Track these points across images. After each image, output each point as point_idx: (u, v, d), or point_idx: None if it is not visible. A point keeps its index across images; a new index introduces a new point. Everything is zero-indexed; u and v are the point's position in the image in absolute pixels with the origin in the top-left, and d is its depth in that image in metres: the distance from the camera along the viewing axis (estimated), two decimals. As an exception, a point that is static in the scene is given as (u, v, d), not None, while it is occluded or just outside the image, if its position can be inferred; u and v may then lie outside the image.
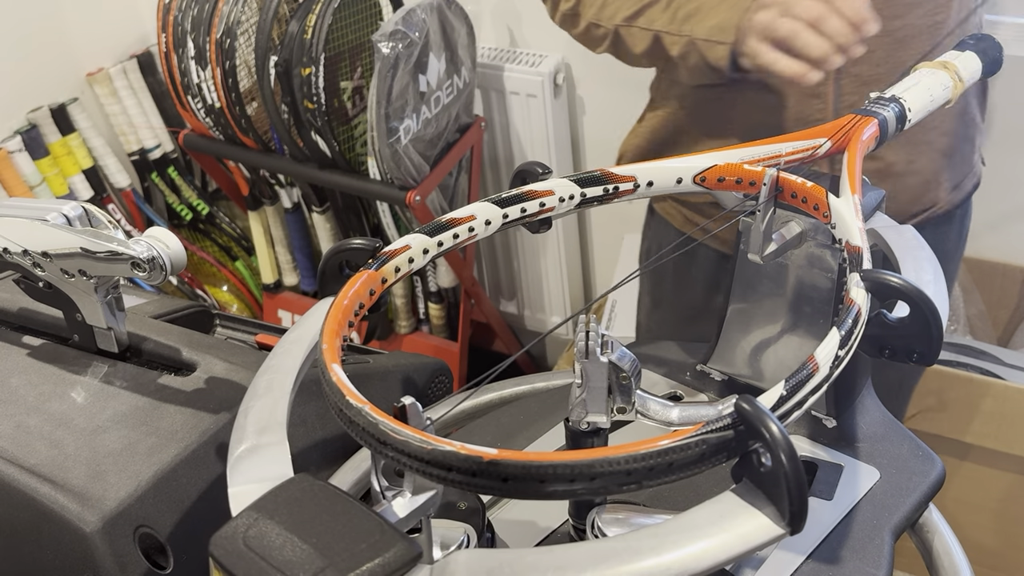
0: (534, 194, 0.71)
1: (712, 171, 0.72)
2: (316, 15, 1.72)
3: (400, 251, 0.67)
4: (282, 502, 0.47)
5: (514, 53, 1.97)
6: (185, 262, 0.72)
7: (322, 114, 1.76)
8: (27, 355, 0.83)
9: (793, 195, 0.69)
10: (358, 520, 0.45)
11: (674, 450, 0.45)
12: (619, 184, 0.72)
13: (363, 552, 0.43)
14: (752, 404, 0.45)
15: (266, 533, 0.45)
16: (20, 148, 1.90)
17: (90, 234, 0.73)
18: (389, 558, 0.43)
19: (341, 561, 0.43)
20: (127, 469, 0.70)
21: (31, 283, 0.80)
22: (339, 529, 0.45)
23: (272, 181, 2.08)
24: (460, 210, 0.69)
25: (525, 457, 0.45)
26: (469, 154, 1.97)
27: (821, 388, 0.52)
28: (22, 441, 0.73)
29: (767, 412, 0.45)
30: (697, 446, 0.46)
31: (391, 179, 1.78)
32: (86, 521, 0.66)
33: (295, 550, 0.44)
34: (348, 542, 0.44)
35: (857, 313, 0.55)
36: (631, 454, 0.45)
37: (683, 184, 0.73)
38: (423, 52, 1.71)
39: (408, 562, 0.43)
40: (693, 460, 0.46)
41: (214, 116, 1.90)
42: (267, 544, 0.44)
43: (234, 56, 1.81)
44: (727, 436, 0.46)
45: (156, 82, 2.11)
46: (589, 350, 0.57)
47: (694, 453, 0.46)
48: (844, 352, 0.53)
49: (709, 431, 0.46)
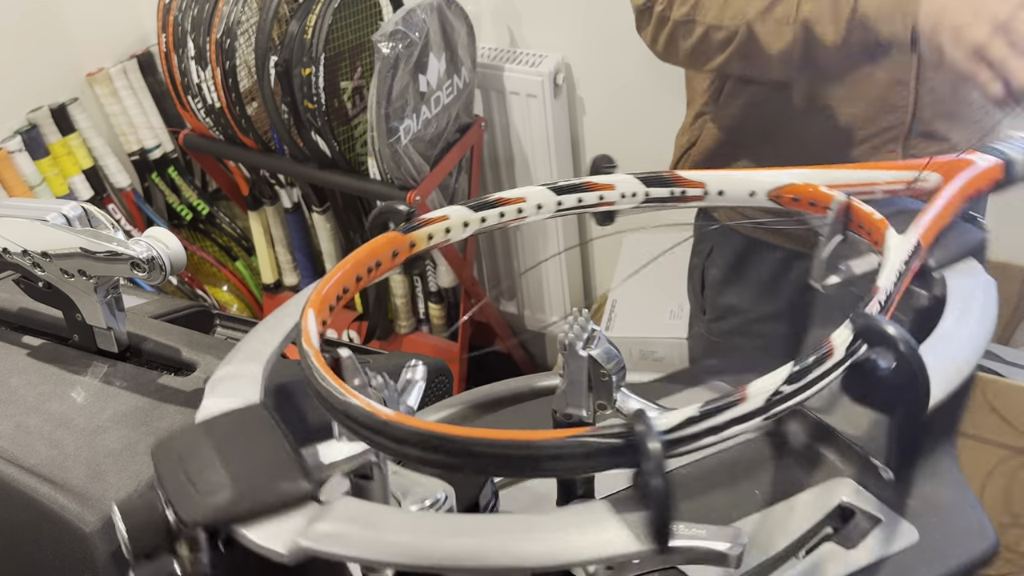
0: (594, 186, 0.69)
1: (788, 188, 0.69)
2: (316, 15, 1.72)
3: (437, 220, 0.66)
4: (226, 426, 0.53)
5: (514, 53, 1.97)
6: (185, 262, 0.73)
7: (322, 114, 1.76)
8: (27, 355, 0.83)
9: (860, 225, 0.65)
10: (279, 455, 0.50)
11: (555, 446, 0.45)
12: (687, 189, 0.69)
13: (263, 483, 0.48)
14: (642, 419, 0.45)
15: (198, 449, 0.51)
16: (20, 148, 1.90)
17: (90, 234, 0.73)
18: (280, 491, 0.48)
19: (242, 485, 0.48)
20: (127, 469, 0.70)
21: (31, 283, 0.80)
22: (259, 459, 0.50)
23: (272, 181, 2.08)
24: (510, 191, 0.68)
25: (417, 424, 0.47)
26: (469, 154, 1.97)
27: (750, 419, 0.49)
28: (22, 441, 0.72)
29: (651, 428, 0.45)
30: (580, 447, 0.45)
31: (391, 179, 1.78)
32: (86, 521, 0.66)
33: (212, 469, 0.49)
34: (259, 472, 0.49)
35: (826, 353, 0.51)
36: (509, 441, 0.45)
37: (756, 198, 0.70)
38: (423, 52, 1.71)
39: (297, 499, 0.48)
40: (574, 458, 0.46)
41: (214, 116, 1.90)
42: (195, 458, 0.50)
43: (234, 56, 1.81)
44: (615, 444, 0.45)
45: (156, 82, 2.11)
46: (569, 343, 0.57)
47: (574, 452, 0.46)
48: (792, 389, 0.50)
49: (596, 435, 0.45)
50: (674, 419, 0.47)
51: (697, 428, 0.47)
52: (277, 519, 0.47)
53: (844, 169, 0.69)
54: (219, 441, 0.52)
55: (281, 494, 0.48)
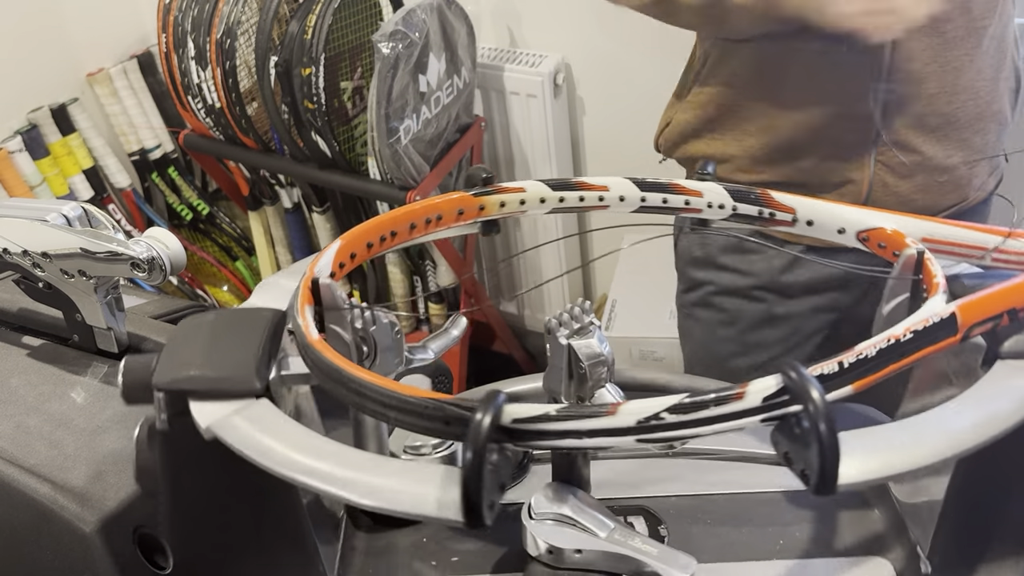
0: (681, 189, 0.68)
1: (877, 232, 0.64)
2: (316, 15, 1.72)
3: (514, 190, 0.66)
4: (231, 319, 0.60)
5: (514, 53, 1.97)
6: (185, 262, 0.73)
7: (322, 114, 1.76)
8: (27, 355, 0.83)
9: (924, 286, 0.59)
10: (248, 352, 0.56)
11: (410, 404, 0.48)
12: (777, 211, 0.67)
13: (223, 371, 0.55)
14: (490, 402, 0.46)
15: (200, 330, 0.59)
16: (20, 148, 1.90)
17: (90, 234, 0.73)
18: (231, 381, 0.54)
19: (207, 367, 0.55)
20: (127, 469, 0.70)
21: (31, 283, 0.80)
22: (234, 351, 0.56)
23: (272, 181, 2.08)
24: (593, 177, 0.67)
25: (327, 354, 0.52)
26: (469, 154, 1.97)
27: (615, 436, 0.47)
28: (22, 441, 0.72)
29: (488, 411, 0.45)
30: (430, 409, 0.48)
31: (391, 179, 1.78)
32: (85, 521, 0.66)
33: (196, 348, 0.57)
34: (226, 361, 0.55)
35: (732, 395, 0.46)
36: (379, 387, 0.49)
37: (844, 236, 0.66)
38: (423, 52, 1.71)
39: (243, 392, 0.54)
40: (425, 419, 0.48)
41: (214, 116, 1.90)
42: (192, 336, 0.58)
43: (234, 56, 1.81)
44: (451, 414, 0.47)
45: (156, 82, 2.11)
46: (551, 328, 0.57)
47: (425, 414, 0.48)
48: (675, 419, 0.46)
49: (447, 403, 0.47)
50: (525, 411, 0.47)
51: (549, 427, 0.47)
52: (219, 403, 0.54)
53: (951, 225, 0.64)
54: (218, 329, 0.59)
55: (232, 383, 0.54)
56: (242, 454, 0.51)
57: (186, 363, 0.56)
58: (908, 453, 0.47)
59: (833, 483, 0.44)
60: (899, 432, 0.48)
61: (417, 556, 0.67)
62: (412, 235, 0.67)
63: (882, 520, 0.65)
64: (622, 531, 0.59)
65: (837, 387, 0.48)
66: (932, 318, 0.51)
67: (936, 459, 0.47)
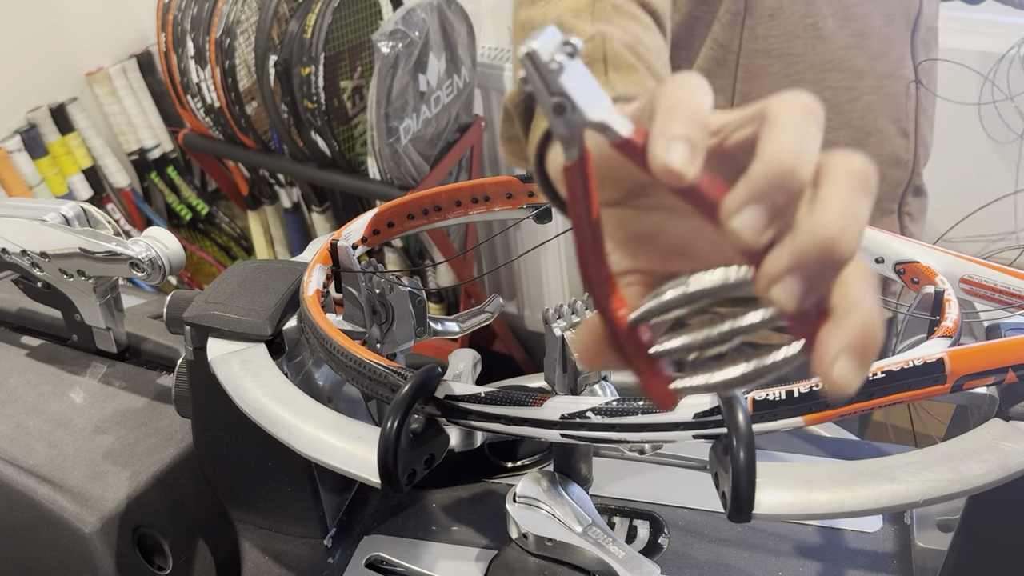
0: None
1: (913, 267, 0.61)
2: (316, 14, 1.72)
3: None
4: (270, 270, 0.66)
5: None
6: (184, 262, 0.72)
7: (322, 114, 1.75)
8: (26, 355, 0.83)
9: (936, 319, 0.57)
10: (268, 302, 0.63)
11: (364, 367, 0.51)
12: None
13: (241, 315, 0.62)
14: (423, 373, 0.48)
15: (240, 276, 0.66)
16: (19, 148, 1.90)
17: (89, 234, 0.72)
18: (245, 324, 0.61)
19: (230, 308, 0.62)
20: (126, 469, 0.70)
21: (30, 283, 0.80)
22: (258, 299, 0.63)
23: (272, 181, 2.07)
24: None
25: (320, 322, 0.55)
26: (469, 154, 1.97)
27: (536, 427, 0.47)
28: (21, 441, 0.72)
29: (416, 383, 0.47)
30: (386, 377, 0.50)
31: (391, 179, 1.77)
32: (85, 522, 0.66)
33: (228, 291, 0.64)
34: (247, 307, 0.62)
35: None
36: (347, 352, 0.52)
37: (882, 267, 0.63)
38: (423, 52, 1.71)
39: (253, 336, 0.61)
40: (374, 383, 0.50)
41: (214, 116, 1.90)
42: (232, 281, 0.65)
43: (234, 56, 1.80)
44: (393, 380, 0.49)
45: (156, 82, 2.11)
46: (547, 318, 0.58)
47: (373, 378, 0.50)
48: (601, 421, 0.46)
49: (392, 370, 0.50)
50: (459, 390, 0.49)
51: (477, 408, 0.48)
52: (231, 342, 0.61)
53: (989, 267, 0.61)
54: (253, 277, 0.66)
55: (245, 326, 0.61)
56: (228, 391, 0.56)
57: (214, 303, 0.63)
58: (832, 497, 0.44)
59: (747, 511, 0.43)
60: (836, 472, 0.46)
61: (423, 519, 0.70)
62: (457, 213, 0.67)
63: (900, 567, 0.63)
64: (597, 530, 0.60)
65: (785, 416, 0.45)
66: (914, 361, 0.46)
67: (863, 508, 0.44)
